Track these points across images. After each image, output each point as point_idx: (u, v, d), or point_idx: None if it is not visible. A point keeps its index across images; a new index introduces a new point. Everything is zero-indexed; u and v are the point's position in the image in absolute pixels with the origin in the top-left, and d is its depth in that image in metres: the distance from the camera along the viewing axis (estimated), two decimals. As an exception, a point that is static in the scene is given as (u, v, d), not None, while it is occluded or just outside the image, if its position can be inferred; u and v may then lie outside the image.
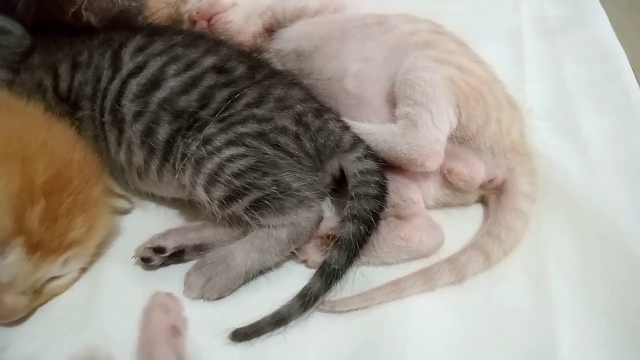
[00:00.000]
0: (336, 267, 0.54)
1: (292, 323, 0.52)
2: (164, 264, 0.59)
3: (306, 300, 0.52)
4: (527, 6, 1.06)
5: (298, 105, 0.62)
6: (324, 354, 0.51)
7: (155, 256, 0.58)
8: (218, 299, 0.55)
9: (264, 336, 0.51)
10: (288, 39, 0.74)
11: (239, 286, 0.56)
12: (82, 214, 0.54)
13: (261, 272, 0.57)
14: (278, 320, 0.51)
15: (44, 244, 0.51)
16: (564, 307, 0.55)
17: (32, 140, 0.53)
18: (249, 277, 0.56)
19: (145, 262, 0.58)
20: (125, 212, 0.65)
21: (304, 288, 0.53)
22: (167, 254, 0.58)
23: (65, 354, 0.51)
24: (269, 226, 0.56)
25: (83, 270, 0.58)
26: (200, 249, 0.58)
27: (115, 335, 0.52)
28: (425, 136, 0.59)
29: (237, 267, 0.55)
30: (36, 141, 0.53)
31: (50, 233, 0.51)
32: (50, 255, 0.52)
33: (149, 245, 0.58)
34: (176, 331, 0.50)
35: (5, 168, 0.49)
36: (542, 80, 0.87)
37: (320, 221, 0.58)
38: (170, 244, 0.58)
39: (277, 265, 0.57)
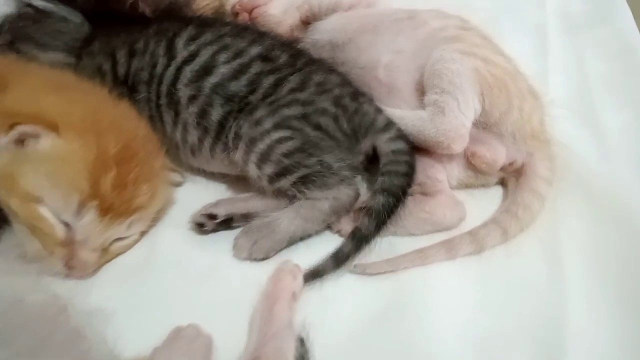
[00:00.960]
0: (366, 232, 0.60)
1: (326, 277, 0.58)
2: (214, 230, 0.65)
3: (338, 258, 0.58)
4: (553, 2, 1.08)
5: (336, 89, 0.67)
6: (355, 310, 0.57)
7: (208, 222, 0.64)
8: (264, 259, 0.61)
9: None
10: (323, 31, 0.79)
11: (282, 249, 0.62)
12: (146, 182, 0.60)
13: (301, 239, 0.63)
14: (314, 274, 0.58)
15: (114, 208, 0.57)
16: (574, 280, 0.59)
17: (104, 117, 0.59)
18: (292, 241, 0.62)
19: (199, 227, 0.65)
20: (178, 184, 0.71)
21: (337, 249, 0.59)
22: (218, 221, 0.64)
23: (127, 303, 0.57)
24: (313, 198, 0.62)
25: (143, 233, 0.64)
26: (246, 217, 0.65)
27: (169, 288, 0.59)
28: (452, 121, 0.64)
29: (282, 232, 0.61)
30: (107, 118, 0.60)
31: (120, 198, 0.57)
32: (119, 217, 0.58)
33: (202, 212, 0.64)
34: (295, 297, 0.56)
35: (83, 140, 0.56)
36: (564, 74, 0.90)
37: (358, 197, 0.64)
38: (221, 212, 0.64)
39: (316, 233, 0.63)
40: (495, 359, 0.52)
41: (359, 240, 0.59)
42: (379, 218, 0.60)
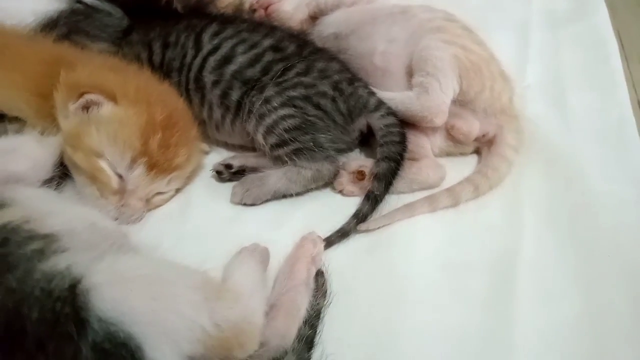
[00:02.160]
0: (378, 193, 0.70)
1: (352, 234, 0.69)
2: (230, 179, 0.77)
3: (359, 218, 0.69)
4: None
5: (335, 75, 0.77)
6: (349, 244, 0.69)
7: (225, 171, 0.77)
8: (252, 204, 0.74)
9: (334, 246, 0.68)
10: (329, 24, 0.88)
11: (267, 200, 0.75)
12: (184, 146, 0.71)
13: (284, 195, 0.74)
14: (343, 233, 0.69)
15: (158, 165, 0.69)
16: (529, 226, 0.69)
17: (152, 91, 0.72)
18: (275, 196, 0.74)
19: (218, 174, 0.77)
20: (206, 152, 0.83)
21: (357, 210, 0.70)
22: (233, 170, 0.77)
23: (167, 241, 0.67)
24: (301, 167, 0.73)
25: (177, 190, 0.76)
26: (255, 171, 0.77)
27: (201, 230, 0.72)
28: (435, 99, 0.74)
29: (269, 186, 0.73)
30: (155, 92, 0.72)
31: (164, 157, 0.69)
32: (162, 173, 0.70)
33: (221, 162, 0.78)
34: (314, 261, 0.64)
35: (137, 108, 0.68)
36: (541, 62, 1.00)
37: (337, 173, 0.75)
38: (236, 163, 0.78)
39: (297, 194, 0.75)
40: (460, 281, 0.64)
41: (373, 200, 0.70)
42: (386, 180, 0.71)
